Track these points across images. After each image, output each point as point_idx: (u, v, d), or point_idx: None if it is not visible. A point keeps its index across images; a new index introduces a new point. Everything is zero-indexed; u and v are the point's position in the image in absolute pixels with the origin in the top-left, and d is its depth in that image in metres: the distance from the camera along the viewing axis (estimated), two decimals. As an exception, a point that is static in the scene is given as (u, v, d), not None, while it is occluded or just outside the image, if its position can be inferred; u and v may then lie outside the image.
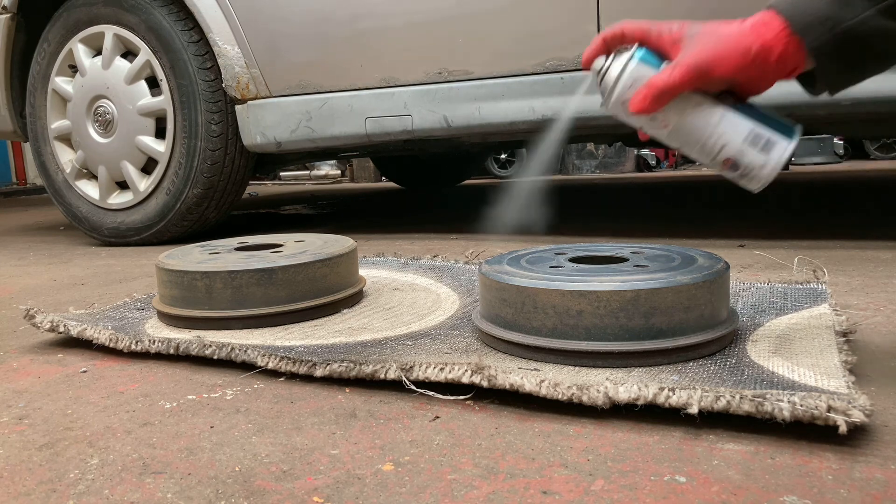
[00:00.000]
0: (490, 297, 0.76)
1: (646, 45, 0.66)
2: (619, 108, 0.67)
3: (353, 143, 1.75)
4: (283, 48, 1.73)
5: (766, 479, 0.48)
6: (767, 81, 0.64)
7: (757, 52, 0.61)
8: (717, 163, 0.66)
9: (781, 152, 0.63)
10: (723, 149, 0.64)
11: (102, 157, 1.91)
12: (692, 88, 0.64)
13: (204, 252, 1.02)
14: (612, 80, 0.67)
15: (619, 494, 0.47)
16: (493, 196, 3.15)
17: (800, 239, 1.49)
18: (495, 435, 0.57)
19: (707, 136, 0.65)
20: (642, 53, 0.66)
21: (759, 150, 0.63)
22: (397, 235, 1.90)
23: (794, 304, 0.85)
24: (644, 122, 0.67)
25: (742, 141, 0.64)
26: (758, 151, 0.63)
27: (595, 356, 0.67)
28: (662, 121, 0.66)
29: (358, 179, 5.52)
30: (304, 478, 0.51)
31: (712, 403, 0.55)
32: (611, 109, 0.68)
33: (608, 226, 1.60)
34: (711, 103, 0.64)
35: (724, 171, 0.66)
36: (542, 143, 0.77)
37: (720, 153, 0.65)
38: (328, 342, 0.79)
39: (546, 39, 1.49)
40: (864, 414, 0.51)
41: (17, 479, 0.54)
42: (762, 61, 0.61)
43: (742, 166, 0.64)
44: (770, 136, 0.63)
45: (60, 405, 0.69)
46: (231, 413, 0.65)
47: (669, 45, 0.65)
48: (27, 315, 0.90)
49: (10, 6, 2.00)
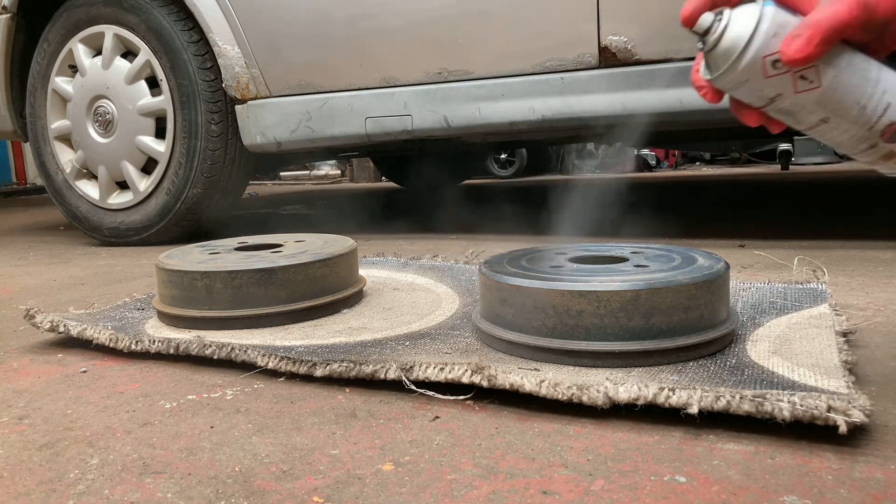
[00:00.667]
0: (490, 297, 0.76)
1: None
2: (757, 69, 0.53)
3: (353, 143, 1.75)
4: (283, 48, 1.73)
5: (766, 479, 0.48)
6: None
7: None
8: (875, 132, 0.54)
9: None
10: (887, 110, 0.52)
11: (102, 157, 1.91)
12: (857, 31, 0.52)
13: (204, 252, 1.02)
14: (743, 34, 0.53)
15: (619, 494, 0.47)
16: (494, 196, 3.14)
17: (800, 239, 1.49)
18: (495, 435, 0.57)
19: (868, 95, 0.52)
20: (772, 2, 0.53)
21: None
22: (397, 235, 1.90)
23: (794, 304, 0.85)
24: (788, 83, 0.53)
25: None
26: None
27: (595, 356, 0.67)
28: (813, 80, 0.53)
29: (358, 179, 5.52)
30: (304, 478, 0.51)
31: (712, 403, 0.55)
32: (740, 74, 0.54)
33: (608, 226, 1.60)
34: (863, 56, 0.53)
35: (881, 143, 0.54)
36: (619, 141, 0.73)
37: (883, 117, 0.53)
38: (328, 342, 0.79)
39: (546, 39, 1.49)
40: (864, 414, 0.51)
41: (17, 479, 0.54)
42: None
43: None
44: None
45: (60, 405, 0.69)
46: (231, 413, 0.65)
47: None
48: (27, 315, 0.90)
49: (10, 6, 2.00)
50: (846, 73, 0.52)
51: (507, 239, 1.70)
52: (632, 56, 1.41)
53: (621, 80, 1.42)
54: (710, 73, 0.56)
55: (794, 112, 0.55)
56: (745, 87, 0.55)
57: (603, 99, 1.44)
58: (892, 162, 0.55)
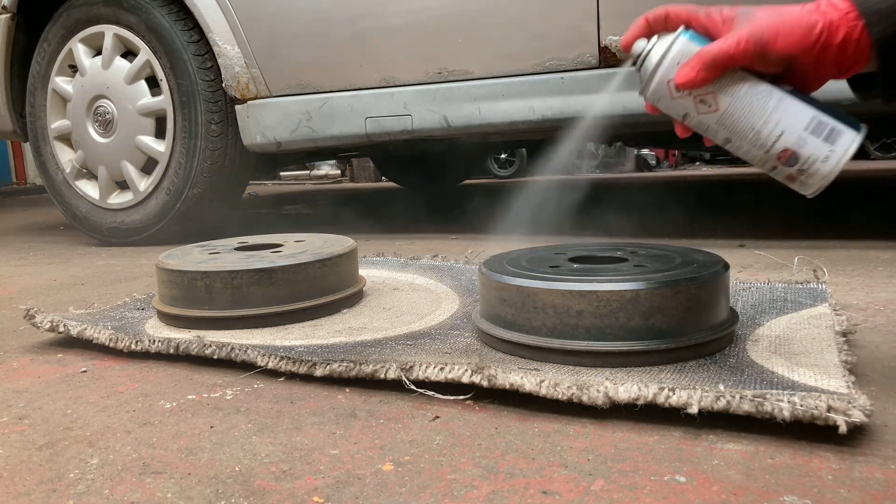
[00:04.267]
0: (490, 297, 0.76)
1: (692, 26, 0.61)
2: (664, 90, 0.61)
3: (353, 142, 1.75)
4: (283, 48, 1.73)
5: (766, 479, 0.48)
6: (825, 72, 0.58)
7: (820, 32, 0.56)
8: (771, 156, 0.59)
9: (848, 143, 0.56)
10: (780, 137, 0.58)
11: (102, 157, 1.91)
12: (748, 62, 0.58)
13: (204, 252, 1.02)
14: (655, 59, 0.61)
15: (619, 494, 0.47)
16: (494, 196, 3.14)
17: (800, 239, 1.49)
18: (495, 435, 0.57)
19: (763, 121, 0.58)
20: (689, 34, 0.60)
21: (823, 140, 0.57)
22: (397, 235, 1.90)
23: (794, 303, 0.85)
24: (690, 105, 0.61)
25: (803, 128, 0.57)
26: (821, 141, 0.57)
27: (595, 356, 0.67)
28: (711, 104, 0.60)
29: (358, 179, 5.52)
30: (304, 478, 0.51)
31: (712, 403, 0.55)
32: (652, 94, 0.62)
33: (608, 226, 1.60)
34: (767, 85, 0.58)
35: (780, 166, 0.59)
36: (565, 141, 0.75)
37: (777, 143, 0.58)
38: (328, 342, 0.79)
39: (546, 39, 1.49)
40: (864, 414, 0.51)
41: (17, 479, 0.54)
42: (825, 44, 0.56)
43: (802, 159, 0.57)
44: (835, 125, 0.57)
45: (60, 405, 0.69)
46: (231, 413, 0.65)
47: (720, 24, 0.60)
48: (27, 315, 0.90)
49: (10, 6, 2.00)
50: (743, 100, 0.59)
51: (507, 239, 1.70)
52: (632, 56, 1.41)
53: (621, 81, 1.42)
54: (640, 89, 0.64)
55: (703, 129, 0.62)
56: (661, 105, 0.63)
57: (603, 99, 1.44)
58: (797, 184, 0.60)
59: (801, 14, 0.57)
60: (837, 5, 0.56)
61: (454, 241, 1.75)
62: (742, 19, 0.59)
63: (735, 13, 0.59)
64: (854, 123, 0.58)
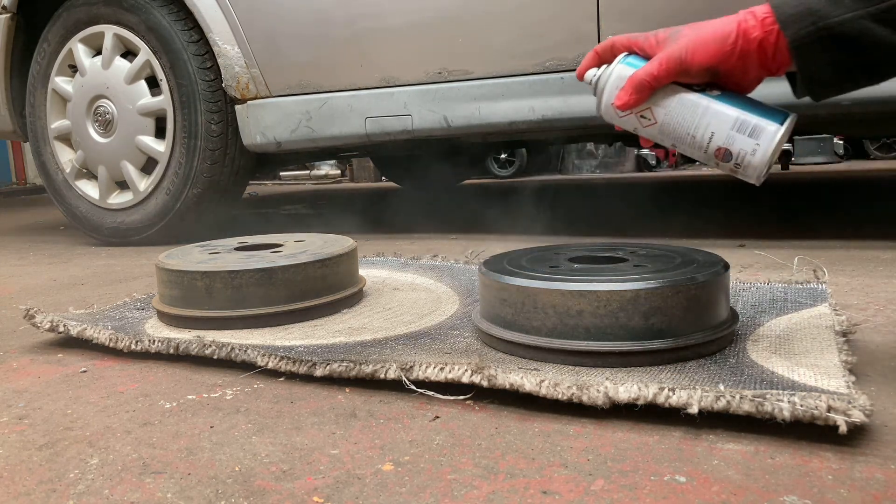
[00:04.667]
0: (490, 297, 0.76)
1: (634, 51, 0.68)
2: (610, 111, 0.69)
3: (352, 143, 1.75)
4: (283, 48, 1.73)
5: (766, 479, 0.48)
6: (752, 74, 0.63)
7: (736, 40, 0.60)
8: (710, 155, 0.66)
9: (771, 137, 0.63)
10: (712, 138, 0.65)
11: (102, 157, 1.91)
12: (672, 80, 0.64)
13: (204, 252, 1.02)
14: (602, 85, 0.69)
15: (619, 494, 0.47)
16: (494, 196, 3.15)
17: (800, 239, 1.49)
18: (495, 435, 0.57)
19: (694, 127, 0.65)
20: (627, 59, 0.68)
21: (748, 136, 0.63)
22: (397, 235, 1.90)
23: (794, 303, 0.85)
24: (635, 121, 0.69)
25: (729, 128, 0.64)
26: (746, 137, 0.63)
27: (595, 356, 0.67)
28: (650, 118, 0.67)
29: (358, 179, 5.52)
30: (304, 478, 0.51)
31: (712, 403, 0.55)
32: (604, 113, 0.71)
33: (608, 225, 1.60)
34: (695, 95, 0.65)
35: (721, 163, 0.66)
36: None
37: (710, 143, 0.65)
38: (328, 342, 0.79)
39: (546, 39, 1.49)
40: (864, 414, 0.51)
41: (17, 479, 0.54)
42: (743, 51, 0.60)
43: (734, 154, 0.64)
44: (757, 122, 0.63)
45: (60, 405, 0.69)
46: (231, 413, 0.65)
47: (654, 46, 0.66)
48: (27, 315, 0.90)
49: (10, 6, 2.00)
50: (675, 111, 0.66)
51: (507, 239, 1.70)
52: (632, 56, 1.41)
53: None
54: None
55: (652, 138, 0.70)
56: (614, 122, 0.71)
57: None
58: (740, 175, 0.66)
59: (718, 27, 0.62)
60: (756, 13, 0.60)
61: (454, 241, 1.75)
62: (671, 40, 0.64)
63: (667, 34, 0.65)
64: (778, 116, 0.63)
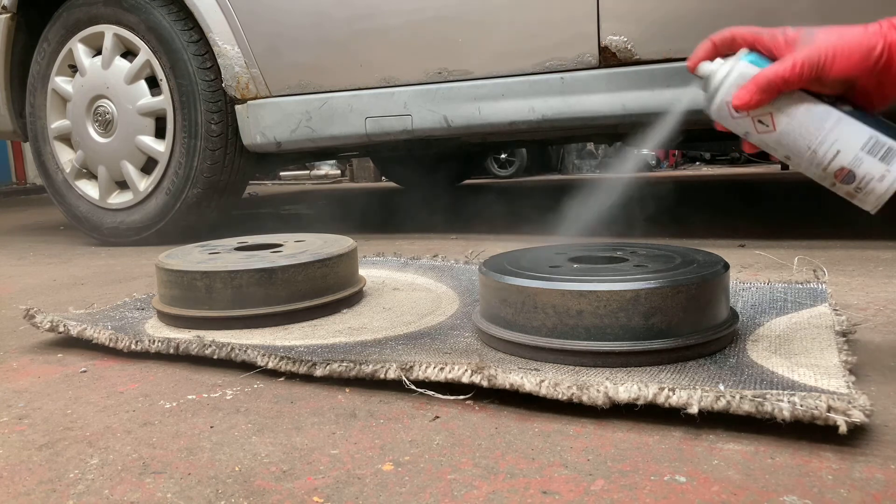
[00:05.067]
0: (490, 297, 0.76)
1: (757, 48, 0.63)
2: (724, 111, 0.64)
3: (353, 143, 1.75)
4: (283, 48, 1.73)
5: (766, 479, 0.48)
6: (890, 91, 0.58)
7: (880, 54, 0.56)
8: (828, 174, 0.60)
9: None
10: (836, 156, 0.59)
11: (102, 157, 1.91)
12: (804, 85, 0.59)
13: (204, 252, 1.02)
14: (717, 81, 0.63)
15: (619, 494, 0.47)
16: (494, 196, 3.14)
17: (800, 239, 1.49)
18: (495, 435, 0.57)
19: (820, 141, 0.60)
20: (751, 56, 0.62)
21: (879, 160, 0.58)
22: (397, 235, 1.90)
23: (794, 303, 0.85)
24: (749, 125, 0.63)
25: (860, 148, 0.58)
26: (877, 160, 0.58)
27: (595, 356, 0.67)
28: (768, 124, 0.62)
29: (358, 179, 5.52)
30: (304, 478, 0.51)
31: (712, 403, 0.55)
32: (715, 113, 0.65)
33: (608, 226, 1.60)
34: (825, 107, 0.60)
35: (837, 184, 0.61)
36: (649, 136, 0.75)
37: (833, 162, 0.59)
38: (328, 342, 0.79)
39: (546, 39, 1.49)
40: (864, 414, 0.51)
41: (17, 479, 0.54)
42: (886, 65, 0.56)
43: (858, 178, 0.59)
44: (892, 145, 0.57)
45: (60, 405, 0.69)
46: (231, 413, 0.65)
47: (783, 46, 0.60)
48: (27, 315, 0.90)
49: (10, 6, 2.00)
50: (800, 120, 0.60)
51: (507, 239, 1.70)
52: (632, 56, 1.41)
53: (621, 80, 1.42)
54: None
55: (764, 146, 0.64)
56: (724, 123, 0.65)
57: (603, 99, 1.44)
58: (856, 200, 0.61)
59: (862, 36, 0.57)
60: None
61: (454, 241, 1.75)
62: (803, 41, 0.59)
63: (798, 35, 0.59)
64: None
